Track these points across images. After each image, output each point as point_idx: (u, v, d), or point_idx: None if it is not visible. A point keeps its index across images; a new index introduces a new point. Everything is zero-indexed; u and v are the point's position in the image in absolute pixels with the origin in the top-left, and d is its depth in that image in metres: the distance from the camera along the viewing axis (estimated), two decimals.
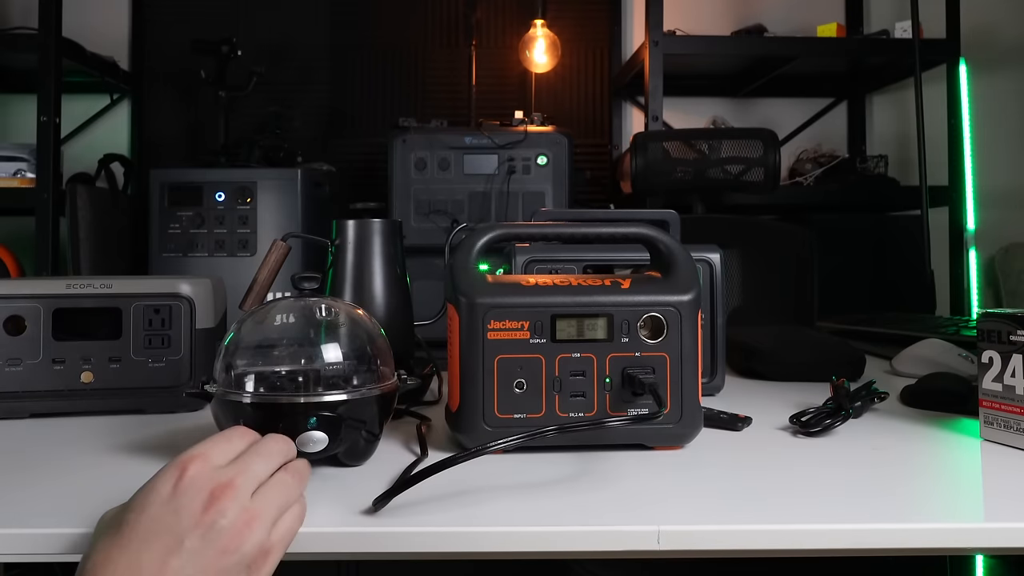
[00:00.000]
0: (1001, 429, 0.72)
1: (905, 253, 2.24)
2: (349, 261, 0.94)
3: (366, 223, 0.95)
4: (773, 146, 1.80)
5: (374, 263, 0.94)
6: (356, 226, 0.95)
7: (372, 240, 0.95)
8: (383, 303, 0.94)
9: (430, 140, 1.83)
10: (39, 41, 2.02)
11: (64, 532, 0.52)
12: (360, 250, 0.94)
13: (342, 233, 0.95)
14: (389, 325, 0.86)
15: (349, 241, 0.95)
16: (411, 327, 0.98)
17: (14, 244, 2.20)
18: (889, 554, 0.54)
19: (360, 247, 0.94)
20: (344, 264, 0.94)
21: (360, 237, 0.95)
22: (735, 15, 2.56)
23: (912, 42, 2.09)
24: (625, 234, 0.74)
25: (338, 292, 0.94)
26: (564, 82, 2.52)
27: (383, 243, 0.95)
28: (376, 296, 0.94)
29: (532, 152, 1.82)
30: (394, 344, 0.73)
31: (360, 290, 0.94)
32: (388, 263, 0.95)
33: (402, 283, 0.97)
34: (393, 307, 0.95)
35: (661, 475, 0.65)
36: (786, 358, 1.09)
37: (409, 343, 0.97)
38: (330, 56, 2.49)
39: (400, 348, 0.87)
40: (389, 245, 0.95)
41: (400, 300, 0.96)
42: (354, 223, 0.95)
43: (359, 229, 0.95)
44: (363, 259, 0.94)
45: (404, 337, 0.95)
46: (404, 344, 0.95)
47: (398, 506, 0.55)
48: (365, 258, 0.94)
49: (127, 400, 0.86)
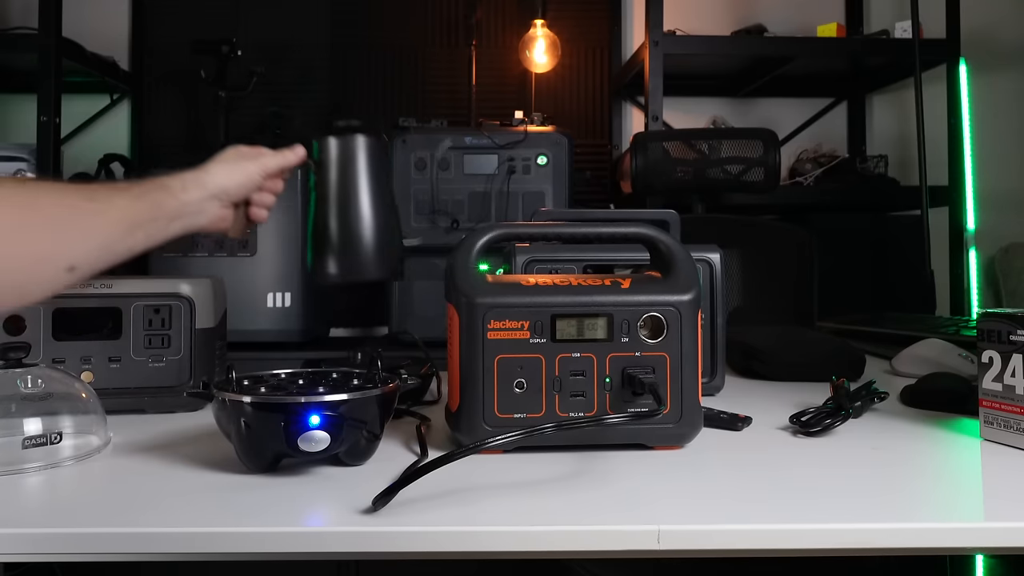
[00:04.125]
0: (1001, 429, 0.72)
1: (905, 253, 2.24)
2: (332, 182, 0.89)
3: (351, 139, 0.89)
4: (773, 146, 1.80)
5: (360, 183, 0.89)
6: (340, 143, 0.89)
7: (357, 158, 0.89)
8: (371, 225, 0.89)
9: (430, 140, 1.82)
10: (39, 41, 2.02)
11: (64, 532, 0.52)
12: (344, 169, 0.89)
13: (324, 151, 0.89)
14: (378, 248, 0.87)
15: (332, 160, 0.89)
16: (400, 249, 0.95)
17: None
18: (889, 554, 0.54)
19: (344, 166, 0.89)
20: (327, 185, 0.89)
21: (344, 155, 0.89)
22: (735, 15, 2.56)
23: (912, 42, 2.09)
24: (625, 234, 0.74)
25: (322, 217, 0.89)
26: (564, 82, 2.52)
27: (369, 160, 0.89)
28: (364, 218, 0.88)
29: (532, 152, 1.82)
30: (383, 267, 0.74)
31: (346, 213, 0.89)
32: (375, 182, 0.90)
33: (391, 203, 0.92)
34: (381, 227, 0.90)
35: (661, 475, 0.65)
36: (786, 358, 1.09)
37: (397, 265, 0.94)
38: (330, 56, 2.49)
39: (389, 272, 0.89)
40: (375, 163, 0.90)
41: (389, 220, 0.91)
42: (337, 140, 0.89)
43: (343, 146, 0.89)
44: (348, 179, 0.89)
45: (393, 260, 0.92)
46: (392, 267, 0.92)
47: (398, 506, 0.55)
48: (350, 178, 0.89)
49: (127, 400, 0.86)
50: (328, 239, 0.88)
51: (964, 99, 2.28)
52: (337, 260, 0.88)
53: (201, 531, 0.52)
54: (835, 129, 2.63)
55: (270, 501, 0.58)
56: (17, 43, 2.10)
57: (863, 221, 2.37)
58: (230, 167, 0.82)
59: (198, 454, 0.70)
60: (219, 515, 0.56)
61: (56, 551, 0.52)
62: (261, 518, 0.55)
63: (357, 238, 0.89)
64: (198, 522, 0.54)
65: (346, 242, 0.88)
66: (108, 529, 0.53)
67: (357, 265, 0.89)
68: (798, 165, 2.43)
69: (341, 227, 0.89)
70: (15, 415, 0.67)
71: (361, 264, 0.89)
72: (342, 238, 0.88)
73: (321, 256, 0.89)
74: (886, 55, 2.27)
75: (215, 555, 0.52)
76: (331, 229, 0.89)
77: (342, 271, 0.88)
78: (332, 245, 0.88)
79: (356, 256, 0.89)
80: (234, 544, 0.52)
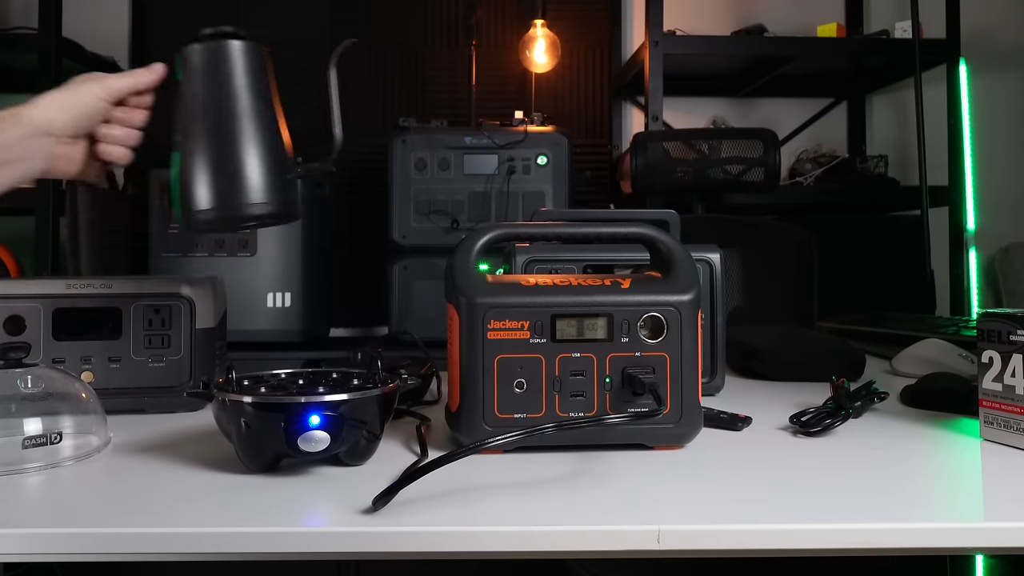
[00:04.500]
0: (1001, 429, 0.72)
1: (905, 253, 2.24)
2: (199, 99, 0.74)
3: (219, 46, 0.76)
4: (773, 146, 1.80)
5: (233, 98, 0.75)
6: (205, 52, 0.76)
7: (228, 68, 0.75)
8: (251, 149, 0.75)
9: (430, 140, 1.82)
10: (39, 41, 2.02)
11: (64, 532, 0.52)
12: (212, 82, 0.75)
13: (187, 63, 0.75)
14: (260, 176, 0.74)
15: (197, 72, 0.75)
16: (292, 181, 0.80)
17: (14, 244, 2.20)
18: (889, 554, 0.54)
19: (212, 79, 0.75)
20: (192, 104, 0.74)
21: (212, 65, 0.75)
22: (735, 15, 2.56)
23: (912, 42, 2.09)
24: (625, 234, 0.74)
25: (189, 144, 0.75)
26: (564, 82, 2.52)
27: (245, 71, 0.76)
28: (239, 141, 0.74)
29: (532, 152, 1.82)
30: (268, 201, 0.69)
31: (217, 136, 0.74)
32: (253, 98, 0.75)
33: (274, 126, 0.78)
34: (263, 152, 0.76)
35: (661, 475, 0.65)
36: (786, 358, 1.09)
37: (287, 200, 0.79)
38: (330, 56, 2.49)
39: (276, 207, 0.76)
40: (253, 74, 0.76)
41: (273, 144, 0.77)
42: (201, 47, 0.76)
43: (210, 55, 0.75)
44: (217, 94, 0.74)
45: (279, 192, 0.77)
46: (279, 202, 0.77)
47: (398, 506, 0.55)
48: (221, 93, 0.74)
49: (127, 400, 0.86)
50: (196, 170, 0.73)
51: (964, 99, 2.28)
52: (209, 194, 0.73)
53: (201, 531, 0.52)
54: (835, 129, 2.63)
55: (270, 501, 0.58)
56: (17, 43, 2.10)
57: (863, 221, 2.37)
58: (63, 97, 0.70)
59: (198, 454, 0.70)
60: (219, 515, 0.56)
61: (56, 551, 0.52)
62: (261, 518, 0.55)
63: (232, 165, 0.73)
64: (198, 522, 0.54)
65: (219, 171, 0.73)
66: (108, 529, 0.53)
67: (233, 199, 0.73)
68: (798, 165, 2.43)
69: (212, 153, 0.73)
70: (15, 415, 0.67)
71: (238, 197, 0.74)
72: (214, 166, 0.73)
73: (189, 192, 0.73)
74: (886, 55, 2.27)
75: (215, 555, 0.52)
76: (199, 157, 0.73)
77: (215, 208, 0.73)
78: (201, 177, 0.73)
79: (231, 188, 0.73)
80: (234, 544, 0.52)
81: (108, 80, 0.72)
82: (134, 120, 0.75)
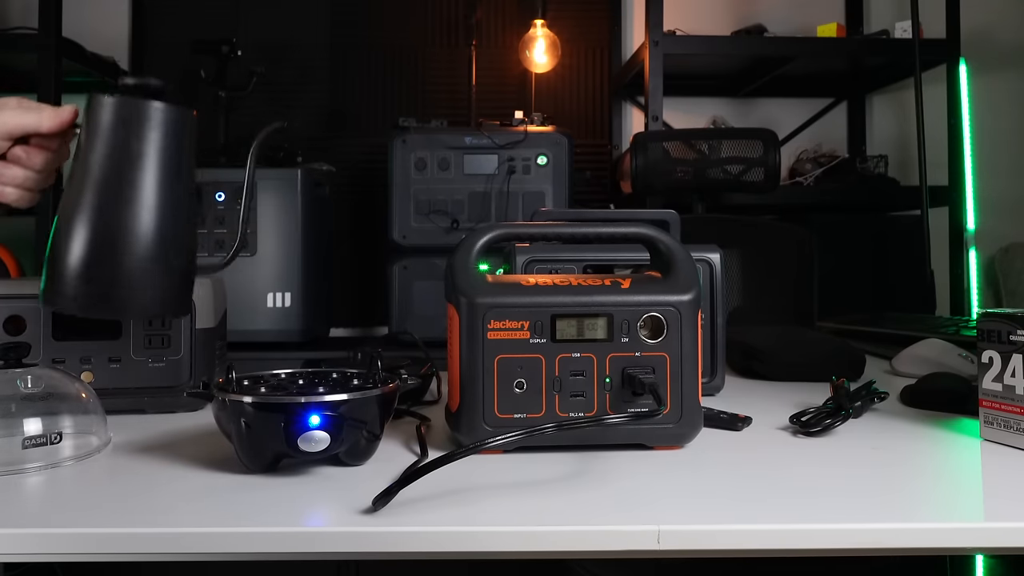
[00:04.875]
0: (1001, 429, 0.72)
1: (905, 253, 2.25)
2: (95, 161, 0.63)
3: (134, 105, 0.64)
4: (773, 146, 1.80)
5: (137, 168, 0.63)
6: (116, 107, 0.63)
7: (139, 131, 0.63)
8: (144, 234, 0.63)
9: (430, 140, 1.83)
10: (39, 41, 2.02)
11: (64, 532, 0.52)
12: (115, 145, 0.63)
13: (92, 116, 0.63)
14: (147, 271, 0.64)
15: (100, 130, 0.63)
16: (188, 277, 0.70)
17: (14, 244, 2.19)
18: (889, 554, 0.54)
19: (115, 141, 0.63)
20: (87, 165, 0.63)
21: (119, 125, 0.63)
22: (735, 15, 2.56)
23: (912, 42, 2.10)
24: (625, 234, 0.74)
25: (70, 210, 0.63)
26: (564, 82, 2.52)
27: (158, 138, 0.63)
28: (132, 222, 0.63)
29: (532, 152, 1.82)
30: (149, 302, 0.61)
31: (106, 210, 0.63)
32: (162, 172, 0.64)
33: (183, 210, 0.67)
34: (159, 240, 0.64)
35: (661, 475, 0.65)
36: (786, 358, 1.09)
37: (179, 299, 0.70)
38: (330, 56, 2.49)
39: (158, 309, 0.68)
40: (168, 144, 0.64)
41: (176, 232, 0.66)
42: (112, 101, 0.63)
43: (120, 112, 0.63)
44: (118, 160, 0.62)
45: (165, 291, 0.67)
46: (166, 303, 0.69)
47: (398, 506, 0.55)
48: (122, 159, 0.62)
49: (127, 400, 0.86)
50: (71, 245, 0.62)
51: (964, 99, 2.28)
52: (78, 279, 0.62)
53: (201, 531, 0.52)
54: (835, 129, 2.63)
55: (270, 501, 0.58)
56: (17, 43, 2.10)
57: (863, 221, 2.38)
58: None
59: (198, 454, 0.70)
60: (219, 515, 0.56)
61: (56, 551, 0.52)
62: (261, 518, 0.55)
63: (113, 251, 0.62)
64: (198, 522, 0.54)
65: (97, 254, 0.62)
66: (108, 529, 0.53)
67: (106, 293, 0.63)
68: (798, 165, 2.43)
69: (94, 230, 0.62)
70: (15, 415, 0.67)
71: (114, 292, 0.63)
72: (92, 246, 0.62)
73: (57, 268, 0.62)
74: (886, 55, 2.28)
75: (215, 555, 0.52)
76: (79, 231, 0.62)
77: (81, 297, 0.62)
78: (75, 255, 0.62)
79: (107, 278, 0.63)
80: (234, 544, 0.52)
81: (4, 116, 0.64)
82: (33, 162, 0.67)
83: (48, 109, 0.66)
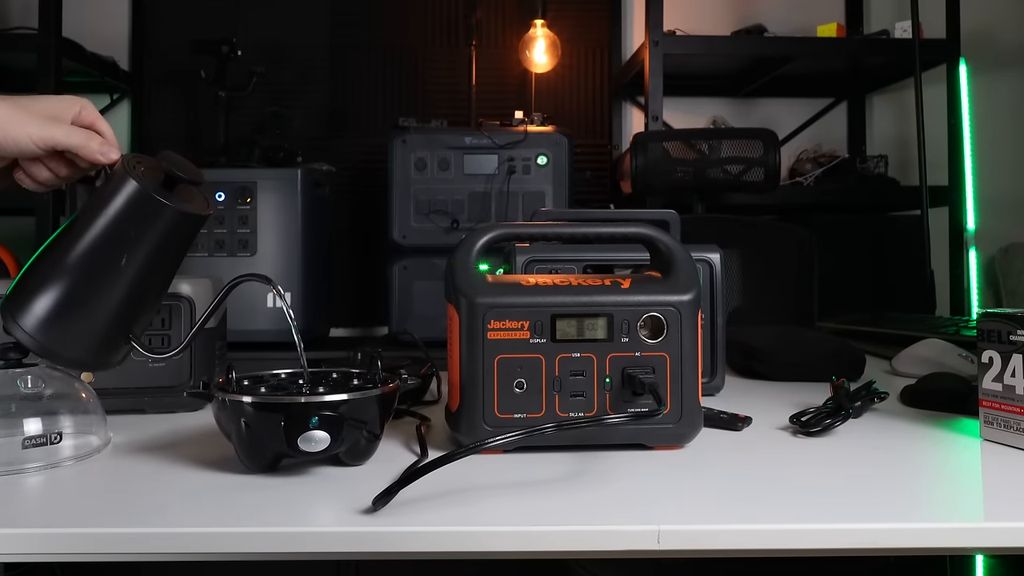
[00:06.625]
0: (1001, 429, 0.72)
1: (905, 253, 2.24)
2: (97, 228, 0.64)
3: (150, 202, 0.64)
4: (773, 146, 1.80)
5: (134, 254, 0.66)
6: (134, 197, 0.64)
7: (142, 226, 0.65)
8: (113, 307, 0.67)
9: (430, 140, 1.83)
10: (39, 41, 2.02)
11: (64, 532, 0.52)
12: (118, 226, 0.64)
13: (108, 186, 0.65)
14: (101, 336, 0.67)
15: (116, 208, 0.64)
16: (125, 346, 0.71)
17: (14, 244, 2.20)
18: (889, 554, 0.54)
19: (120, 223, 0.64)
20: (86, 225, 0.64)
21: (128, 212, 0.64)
22: (735, 15, 2.56)
23: (912, 42, 2.09)
24: (625, 234, 0.74)
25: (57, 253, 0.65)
26: (564, 82, 2.52)
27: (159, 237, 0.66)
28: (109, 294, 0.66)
29: (532, 152, 1.83)
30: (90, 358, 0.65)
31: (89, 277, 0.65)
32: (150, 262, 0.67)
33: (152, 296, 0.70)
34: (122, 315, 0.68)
35: (661, 475, 0.65)
36: (786, 358, 1.09)
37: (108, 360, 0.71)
38: (330, 56, 2.49)
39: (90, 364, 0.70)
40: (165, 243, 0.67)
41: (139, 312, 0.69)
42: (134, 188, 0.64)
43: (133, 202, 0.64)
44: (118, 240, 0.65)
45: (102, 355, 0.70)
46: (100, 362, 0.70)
47: (398, 506, 0.55)
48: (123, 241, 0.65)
49: (127, 400, 0.86)
50: (44, 286, 0.65)
51: (964, 99, 2.28)
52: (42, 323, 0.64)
53: (201, 531, 0.52)
54: (835, 129, 2.63)
55: (270, 501, 0.58)
56: (17, 43, 2.10)
57: (863, 221, 2.38)
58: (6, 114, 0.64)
59: (198, 454, 0.70)
60: (219, 515, 0.56)
61: (56, 551, 0.52)
62: (261, 518, 0.55)
63: (84, 312, 0.66)
64: (198, 522, 0.54)
65: (65, 309, 0.65)
66: (108, 529, 0.53)
67: (62, 343, 0.66)
68: (798, 165, 2.43)
69: (73, 288, 0.65)
70: (15, 415, 0.67)
71: (69, 346, 0.66)
72: (64, 299, 0.65)
73: (22, 301, 0.65)
74: (886, 55, 2.28)
75: (215, 555, 0.52)
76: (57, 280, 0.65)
77: (39, 339, 0.65)
78: (45, 300, 0.64)
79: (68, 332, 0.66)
80: (234, 544, 0.52)
81: (53, 130, 0.65)
82: (60, 172, 0.69)
83: (96, 140, 0.67)
